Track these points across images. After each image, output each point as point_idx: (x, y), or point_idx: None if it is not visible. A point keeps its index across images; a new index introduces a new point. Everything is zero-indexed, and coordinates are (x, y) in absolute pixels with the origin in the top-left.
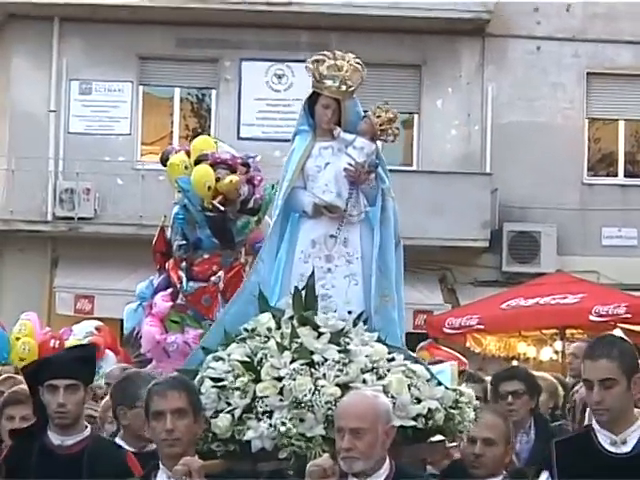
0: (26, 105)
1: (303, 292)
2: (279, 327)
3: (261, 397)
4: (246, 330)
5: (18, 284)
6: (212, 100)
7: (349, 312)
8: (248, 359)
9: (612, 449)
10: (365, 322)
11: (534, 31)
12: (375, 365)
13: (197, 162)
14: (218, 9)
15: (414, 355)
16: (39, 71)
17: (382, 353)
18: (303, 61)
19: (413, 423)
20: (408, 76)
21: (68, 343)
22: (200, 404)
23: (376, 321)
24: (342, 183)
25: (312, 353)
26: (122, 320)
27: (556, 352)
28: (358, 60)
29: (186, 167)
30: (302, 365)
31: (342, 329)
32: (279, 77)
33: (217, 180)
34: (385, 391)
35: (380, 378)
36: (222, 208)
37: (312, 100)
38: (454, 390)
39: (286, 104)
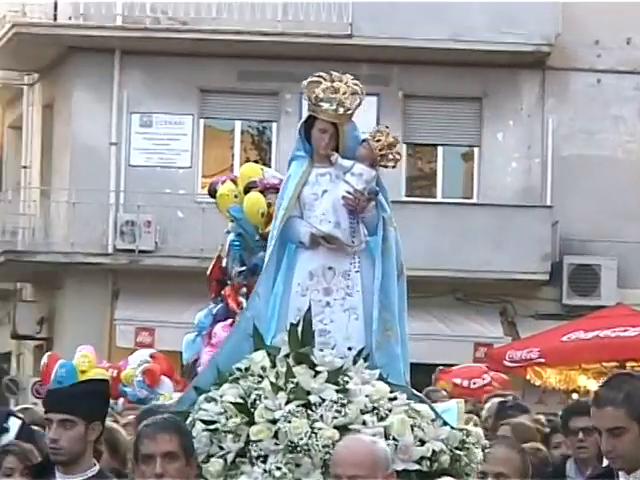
0: (87, 138)
1: (299, 328)
2: (274, 366)
3: (255, 441)
4: (239, 369)
5: (78, 316)
6: (273, 133)
7: (349, 348)
8: (241, 400)
9: None
10: (366, 359)
11: (595, 64)
12: (376, 405)
13: (246, 190)
14: (279, 42)
15: (417, 394)
16: (100, 104)
17: (384, 392)
18: (374, 94)
19: (417, 467)
20: (469, 109)
21: (124, 373)
22: (192, 447)
23: (378, 357)
24: (340, 212)
25: (309, 393)
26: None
27: None
28: (356, 82)
29: (235, 196)
30: (298, 406)
31: (340, 367)
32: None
33: (269, 205)
34: (387, 433)
35: (381, 419)
36: None
37: (308, 124)
38: (460, 430)
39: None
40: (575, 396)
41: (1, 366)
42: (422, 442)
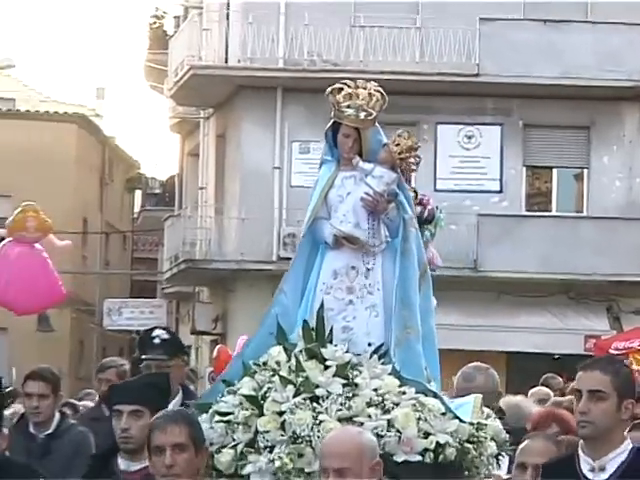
0: (254, 163)
1: (313, 324)
2: (289, 360)
3: (263, 432)
4: (256, 364)
5: (248, 315)
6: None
7: (369, 344)
8: (253, 393)
9: (590, 476)
10: (385, 354)
11: None
12: (382, 398)
13: None
14: (417, 80)
15: (432, 389)
16: (265, 134)
17: (392, 386)
18: (489, 124)
19: (419, 458)
20: (578, 136)
21: None
22: (202, 438)
23: (398, 353)
24: (360, 213)
25: (317, 387)
26: None
27: None
28: (378, 88)
29: None
30: (304, 399)
31: (348, 362)
32: (469, 137)
33: None
34: (390, 425)
35: (386, 412)
36: None
37: (335, 130)
38: (472, 424)
39: (475, 160)
40: None
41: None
42: (427, 435)
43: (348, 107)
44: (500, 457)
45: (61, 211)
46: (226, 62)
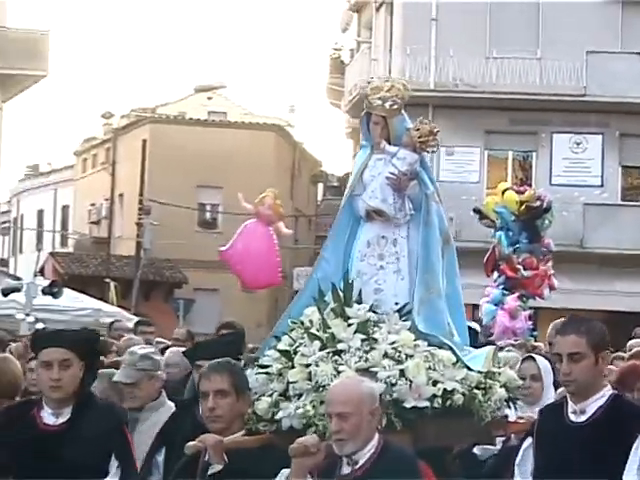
0: None
1: (342, 287)
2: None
3: (292, 382)
4: (294, 322)
5: None
6: (533, 159)
7: (396, 303)
8: (288, 347)
9: (573, 417)
10: (408, 312)
11: None
12: (398, 351)
13: (503, 192)
14: (537, 99)
15: (447, 341)
16: None
17: (407, 340)
18: (593, 133)
19: (427, 404)
20: None
21: None
22: (244, 386)
23: (423, 311)
24: (387, 190)
25: (340, 342)
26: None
27: None
28: (404, 84)
29: (496, 202)
30: (328, 353)
31: (368, 319)
32: (577, 144)
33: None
34: (402, 374)
35: (399, 363)
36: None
37: (369, 120)
38: (481, 372)
39: (582, 162)
40: None
41: None
42: (435, 383)
43: (378, 99)
44: (511, 402)
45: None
46: None
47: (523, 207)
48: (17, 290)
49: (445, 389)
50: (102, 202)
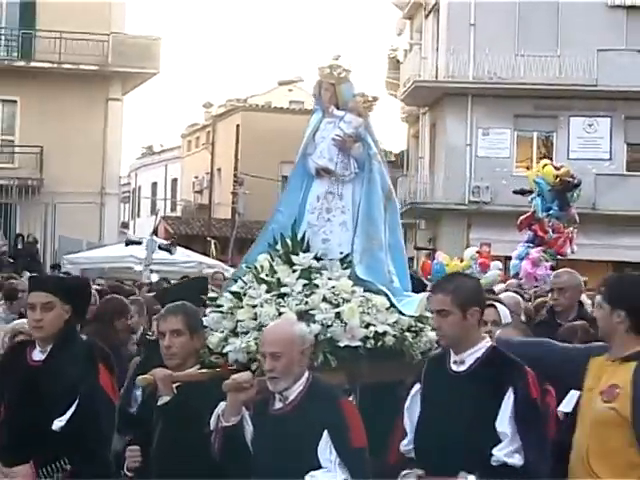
0: (454, 142)
1: (289, 237)
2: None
3: (240, 320)
4: (248, 267)
5: (449, 238)
6: (554, 138)
7: (341, 252)
8: (239, 289)
9: (454, 367)
10: (350, 261)
11: None
12: (336, 296)
13: (543, 167)
14: (557, 89)
15: (383, 288)
16: (461, 123)
17: (345, 286)
18: (603, 116)
19: (359, 344)
20: None
21: (463, 264)
22: (197, 325)
23: (365, 259)
24: (333, 150)
25: (284, 286)
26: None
27: None
28: (350, 62)
29: (537, 172)
30: (272, 296)
31: (310, 266)
32: (590, 125)
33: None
34: (339, 317)
35: (336, 306)
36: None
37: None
38: (412, 317)
39: (594, 140)
40: None
41: None
42: (368, 325)
43: (328, 68)
44: None
45: None
46: (436, 78)
47: (558, 180)
48: (138, 244)
49: (377, 331)
50: (204, 175)
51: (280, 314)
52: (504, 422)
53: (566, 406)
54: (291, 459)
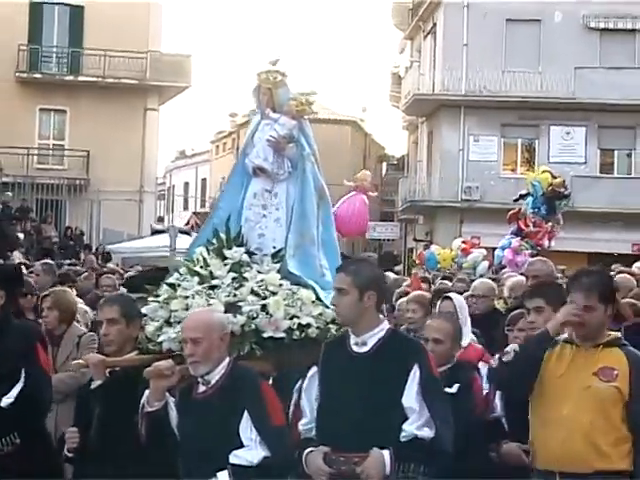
0: (448, 147)
1: (224, 232)
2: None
3: (174, 310)
4: (186, 260)
5: (444, 232)
6: (536, 145)
7: (274, 247)
8: (176, 281)
9: (355, 349)
10: (282, 256)
11: None
12: (263, 289)
13: (542, 172)
14: (539, 102)
15: (311, 283)
16: (454, 131)
17: (273, 280)
18: (579, 126)
19: (283, 335)
20: (627, 133)
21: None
22: (134, 313)
23: (298, 254)
24: (268, 150)
25: (215, 278)
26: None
27: None
28: (284, 70)
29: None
30: (204, 288)
31: (240, 260)
32: (567, 133)
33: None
34: (264, 309)
35: (264, 299)
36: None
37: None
38: None
39: (571, 147)
40: None
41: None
42: (292, 317)
43: (266, 74)
44: None
45: (337, 177)
46: (433, 92)
47: (550, 188)
48: (163, 232)
49: (300, 323)
50: None
51: (210, 305)
52: (411, 397)
53: (507, 356)
54: (215, 440)
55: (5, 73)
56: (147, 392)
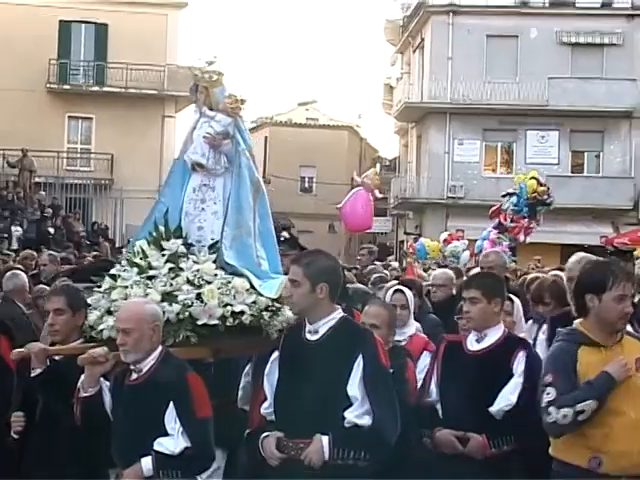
0: (435, 150)
1: (163, 225)
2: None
3: (114, 300)
4: (128, 252)
5: (432, 226)
6: (514, 148)
7: (212, 239)
8: (117, 272)
9: (309, 336)
10: (218, 247)
11: None
12: (199, 278)
13: (530, 178)
14: (516, 109)
15: (246, 272)
16: (441, 135)
17: (208, 270)
18: (553, 130)
19: (217, 322)
20: (595, 135)
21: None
22: (79, 303)
23: (235, 245)
24: (205, 147)
25: (153, 269)
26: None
27: None
28: (220, 71)
29: (525, 179)
30: (142, 278)
31: (176, 251)
32: (542, 137)
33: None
34: (199, 298)
35: (199, 288)
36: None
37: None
38: (270, 298)
39: (546, 149)
40: None
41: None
42: (226, 305)
43: (202, 73)
44: None
45: (336, 177)
46: (421, 100)
47: (534, 195)
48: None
49: (233, 311)
50: None
51: (147, 295)
52: (354, 386)
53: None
54: (142, 426)
55: (37, 85)
56: (82, 377)
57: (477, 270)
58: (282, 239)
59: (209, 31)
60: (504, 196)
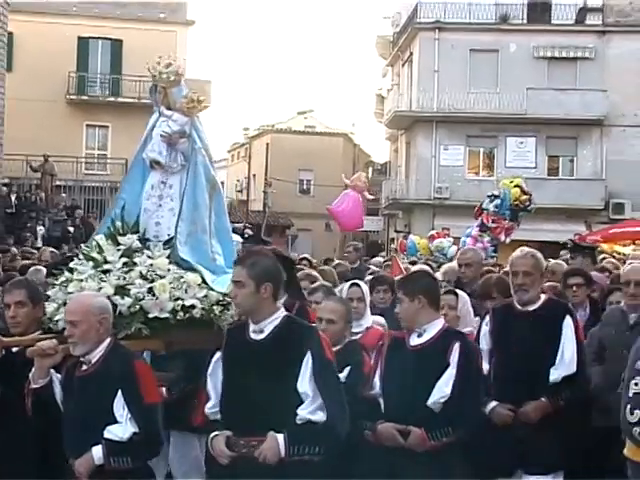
0: (423, 155)
1: (120, 220)
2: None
3: (70, 292)
4: (87, 247)
5: (420, 225)
6: (495, 153)
7: (168, 235)
8: (74, 266)
9: (253, 336)
10: (172, 243)
11: None
12: (151, 273)
13: (515, 185)
14: (497, 117)
15: (199, 268)
16: (428, 142)
17: (162, 265)
18: (530, 136)
19: (168, 315)
20: (569, 142)
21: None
22: (39, 296)
23: (190, 241)
24: (162, 145)
25: (108, 263)
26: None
27: None
28: (179, 69)
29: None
30: (97, 272)
31: (131, 246)
32: (521, 143)
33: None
34: (151, 291)
35: (151, 282)
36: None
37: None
38: (221, 292)
39: (524, 154)
40: None
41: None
42: (177, 299)
43: (160, 74)
44: None
45: (332, 180)
46: (410, 109)
47: (517, 202)
48: None
49: (184, 305)
50: (243, 179)
51: (100, 289)
52: (305, 383)
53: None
54: (92, 415)
55: (57, 95)
56: (33, 370)
57: (420, 266)
58: (246, 236)
59: (215, 47)
60: (489, 197)
